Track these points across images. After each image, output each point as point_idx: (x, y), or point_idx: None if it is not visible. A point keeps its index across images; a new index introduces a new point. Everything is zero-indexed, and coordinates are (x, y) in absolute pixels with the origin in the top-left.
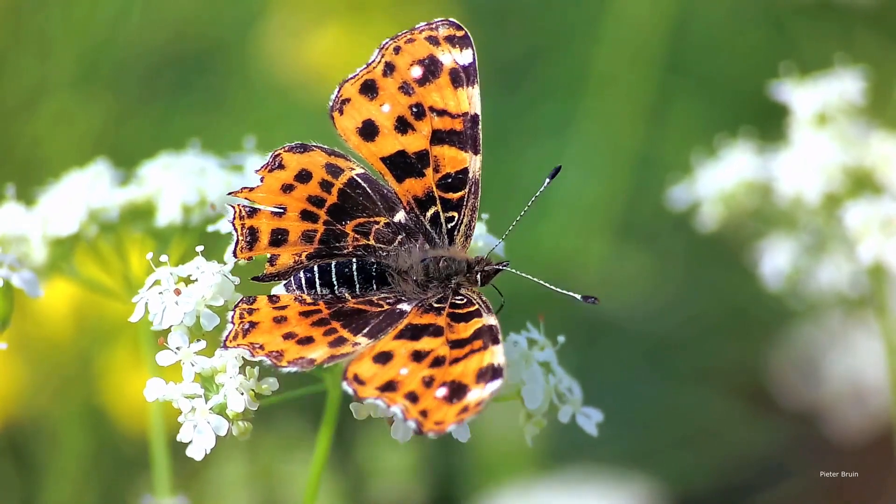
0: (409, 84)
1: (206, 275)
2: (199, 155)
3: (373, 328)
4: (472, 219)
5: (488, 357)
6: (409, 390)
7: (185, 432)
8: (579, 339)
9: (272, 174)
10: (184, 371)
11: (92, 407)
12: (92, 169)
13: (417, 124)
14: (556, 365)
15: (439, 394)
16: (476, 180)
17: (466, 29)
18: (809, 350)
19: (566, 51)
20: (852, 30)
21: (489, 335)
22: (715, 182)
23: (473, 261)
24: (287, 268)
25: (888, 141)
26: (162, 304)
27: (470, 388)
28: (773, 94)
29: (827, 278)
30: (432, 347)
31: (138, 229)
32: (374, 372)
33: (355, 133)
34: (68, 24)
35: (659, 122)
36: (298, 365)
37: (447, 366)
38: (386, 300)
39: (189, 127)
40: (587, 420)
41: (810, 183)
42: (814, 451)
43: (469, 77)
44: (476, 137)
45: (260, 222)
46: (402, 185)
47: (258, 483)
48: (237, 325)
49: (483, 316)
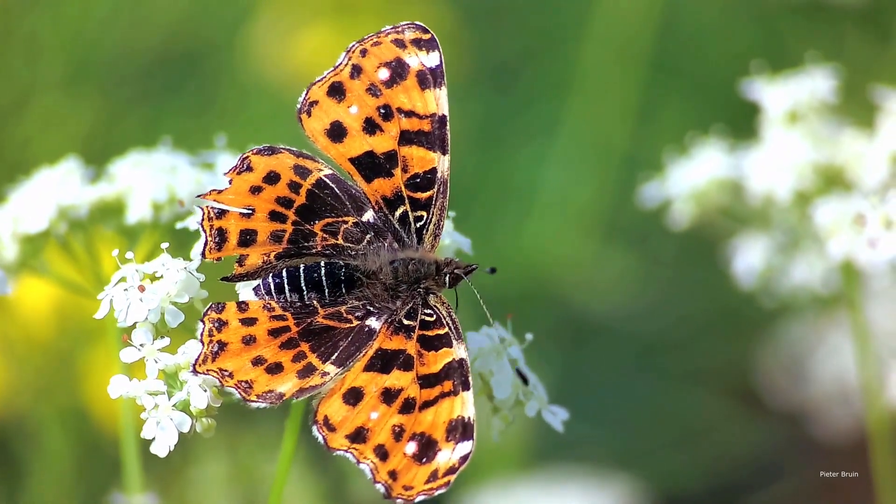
0: (376, 86)
1: (171, 272)
2: (170, 153)
3: (342, 353)
4: (441, 218)
5: (458, 407)
6: (378, 443)
7: (149, 429)
8: (571, 339)
9: (240, 176)
10: (147, 368)
11: (74, 407)
12: (62, 166)
13: (385, 125)
14: (522, 363)
15: (409, 450)
16: (444, 180)
17: (433, 32)
18: (796, 350)
19: (559, 51)
20: (842, 29)
21: (459, 375)
22: (686, 180)
23: (443, 262)
24: (256, 268)
25: (859, 138)
26: (127, 300)
27: (440, 445)
28: (745, 92)
29: (800, 276)
30: (402, 385)
31: (109, 227)
32: (343, 415)
33: (323, 134)
34: (58, 26)
35: (650, 122)
36: (267, 400)
37: (417, 411)
38: (355, 313)
39: (179, 128)
40: (553, 417)
41: (781, 181)
42: (803, 451)
43: (436, 79)
44: (444, 138)
45: (228, 223)
46: (370, 185)
47: (239, 483)
48: (206, 346)
49: (453, 344)
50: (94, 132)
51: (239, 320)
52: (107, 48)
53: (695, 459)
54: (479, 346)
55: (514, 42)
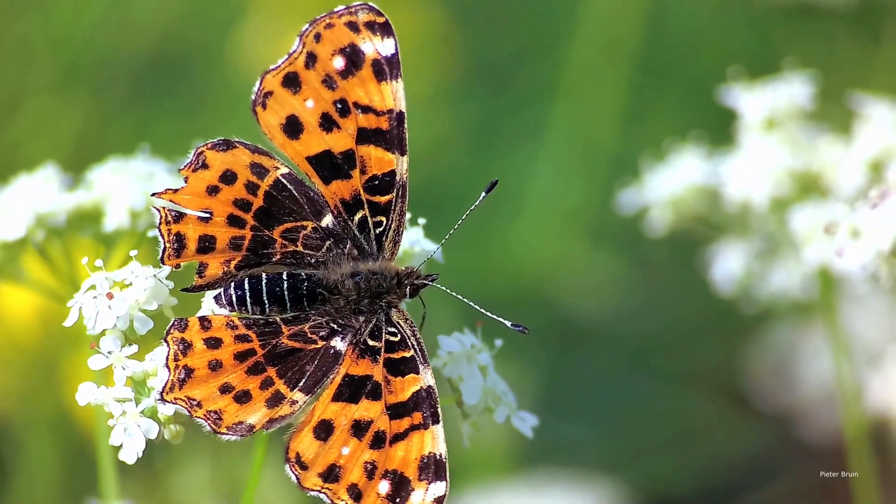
0: (332, 77)
1: (139, 279)
2: (148, 160)
3: (309, 379)
4: (401, 223)
5: (429, 443)
6: (351, 482)
7: (117, 435)
8: (562, 342)
9: (196, 174)
10: (115, 375)
11: (58, 411)
12: (40, 173)
13: (343, 122)
14: (492, 370)
15: (382, 489)
16: (403, 183)
17: (387, 16)
18: (784, 353)
19: (552, 52)
20: (833, 31)
21: (428, 405)
22: (664, 187)
23: (403, 273)
24: (216, 279)
25: (836, 145)
26: (96, 308)
27: (413, 485)
28: (723, 98)
29: (778, 282)
30: (372, 417)
31: (87, 234)
32: (315, 451)
33: (280, 130)
34: (49, 28)
35: (641, 124)
36: (237, 433)
37: (388, 446)
38: (319, 332)
39: (170, 130)
40: (522, 423)
41: (758, 187)
42: (792, 453)
43: (392, 70)
44: (402, 138)
45: (187, 228)
46: (329, 188)
47: (221, 488)
48: (172, 372)
49: (420, 370)
50: (85, 135)
51: (203, 341)
52: (97, 51)
53: (685, 461)
54: (449, 349)
55: (507, 43)
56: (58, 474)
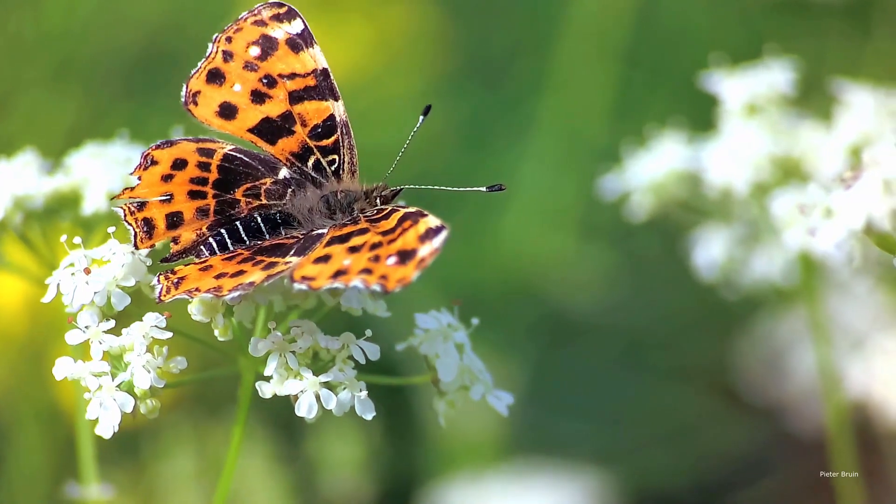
0: (251, 62)
1: (117, 255)
2: (126, 145)
3: (298, 250)
4: (353, 156)
5: (423, 225)
6: (360, 268)
7: (93, 410)
8: (553, 336)
9: (147, 171)
10: (92, 349)
11: (47, 401)
12: (20, 158)
13: (272, 91)
14: (469, 349)
15: (390, 262)
16: (345, 122)
17: (289, 4)
18: (774, 346)
19: (546, 48)
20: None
21: (415, 214)
22: (645, 172)
23: (370, 188)
24: (192, 243)
25: (817, 130)
26: (73, 284)
27: (417, 250)
28: (704, 84)
29: (760, 268)
30: (365, 240)
31: (66, 218)
32: (318, 270)
33: (216, 116)
34: (42, 23)
35: (633, 119)
36: (239, 289)
37: (386, 245)
38: (300, 233)
39: (163, 124)
40: (498, 401)
41: (738, 173)
42: (784, 447)
43: (305, 41)
44: (332, 86)
45: (152, 212)
46: (276, 147)
47: (207, 476)
48: (165, 282)
49: (402, 209)
50: (78, 129)
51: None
52: (90, 45)
53: (676, 455)
54: (425, 326)
55: (500, 38)
56: (46, 465)
